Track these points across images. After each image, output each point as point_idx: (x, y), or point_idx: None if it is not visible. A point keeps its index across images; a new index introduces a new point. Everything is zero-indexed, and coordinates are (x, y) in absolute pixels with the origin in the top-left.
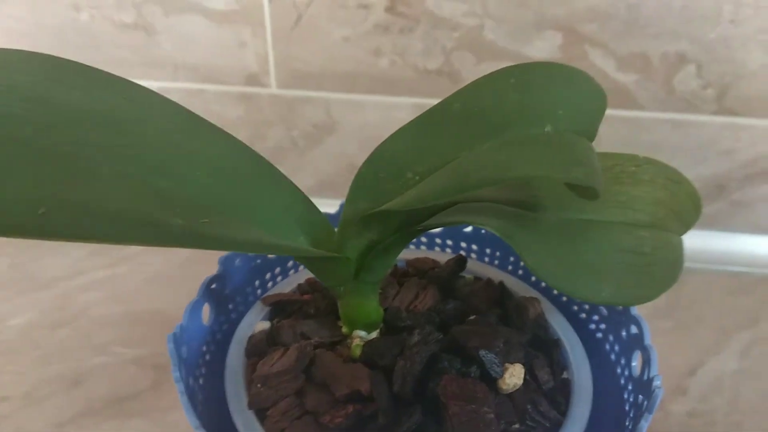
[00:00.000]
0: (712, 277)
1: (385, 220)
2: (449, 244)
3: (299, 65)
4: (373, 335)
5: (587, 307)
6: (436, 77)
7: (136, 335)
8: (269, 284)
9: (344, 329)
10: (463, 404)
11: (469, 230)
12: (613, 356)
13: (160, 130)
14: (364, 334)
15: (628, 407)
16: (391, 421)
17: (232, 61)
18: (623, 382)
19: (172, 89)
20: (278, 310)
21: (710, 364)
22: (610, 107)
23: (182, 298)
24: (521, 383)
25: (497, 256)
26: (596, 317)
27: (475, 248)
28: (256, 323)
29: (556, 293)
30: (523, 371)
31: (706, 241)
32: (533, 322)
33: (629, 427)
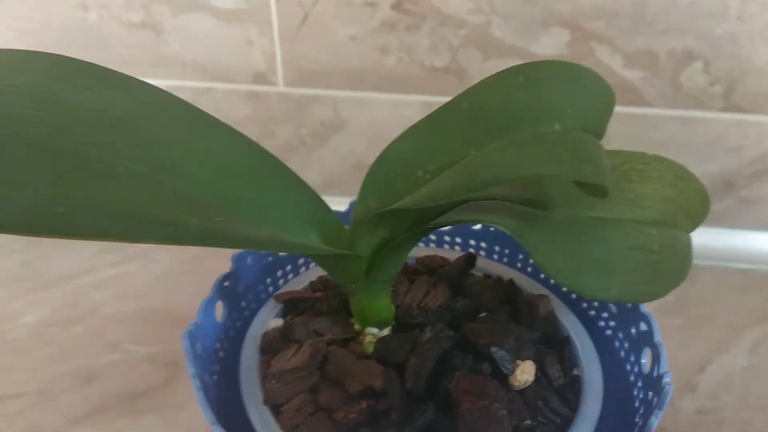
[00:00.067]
0: (720, 274)
1: (396, 218)
2: (458, 241)
3: (306, 63)
4: (384, 332)
5: (596, 304)
6: (443, 74)
7: (147, 332)
8: (280, 282)
9: (356, 326)
10: (475, 400)
11: (477, 228)
12: (622, 353)
13: (171, 129)
14: (376, 331)
15: (637, 404)
16: (404, 417)
17: (239, 59)
18: (633, 378)
19: (180, 88)
20: (291, 307)
21: (719, 361)
22: (617, 104)
23: (192, 295)
24: (532, 380)
25: (506, 253)
26: (605, 314)
27: (483, 246)
28: (269, 320)
29: (565, 291)
30: (534, 368)
31: (714, 238)
32: (543, 319)
33: (639, 423)
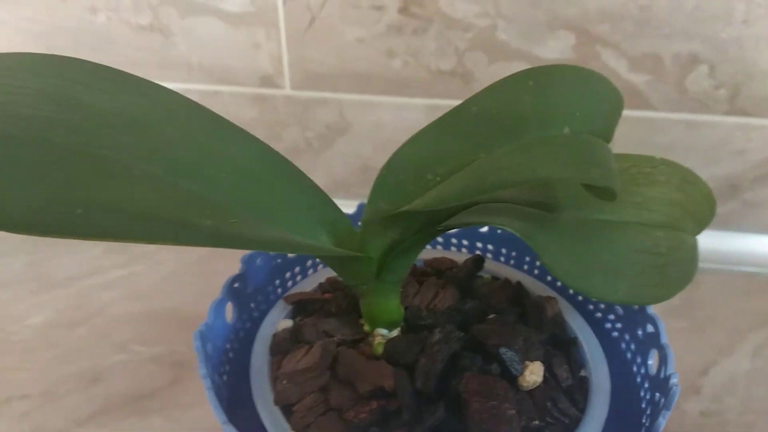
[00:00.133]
0: (724, 277)
1: (406, 220)
2: (465, 244)
3: (313, 66)
4: (394, 333)
5: (603, 306)
6: (449, 78)
7: (153, 333)
8: (289, 283)
9: (366, 327)
10: (484, 401)
11: (485, 230)
12: (629, 355)
13: (185, 131)
14: (385, 332)
15: (644, 405)
16: (414, 417)
17: (246, 62)
18: (640, 380)
19: (187, 91)
20: (300, 308)
21: (723, 364)
22: None
23: (198, 296)
24: (541, 381)
25: (513, 256)
26: (612, 316)
27: (491, 248)
28: (279, 321)
29: (572, 293)
30: (542, 369)
31: (718, 241)
32: (551, 321)
33: (646, 424)
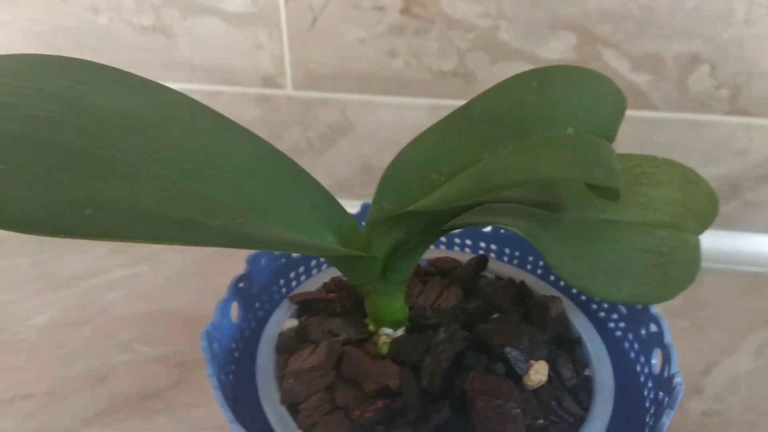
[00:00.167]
0: (726, 277)
1: (411, 220)
2: (468, 243)
3: (315, 67)
4: (399, 333)
5: (606, 306)
6: (450, 78)
7: (158, 333)
8: (293, 283)
9: (371, 327)
10: (489, 399)
11: (488, 230)
12: (632, 354)
13: (190, 132)
14: (390, 331)
15: (648, 404)
16: (420, 416)
17: (248, 63)
18: (643, 379)
19: (189, 91)
20: (305, 308)
21: (725, 363)
22: None
23: (202, 296)
24: (545, 380)
25: (516, 255)
26: (615, 316)
27: (494, 248)
28: (284, 321)
29: (575, 292)
30: (547, 368)
31: (720, 241)
32: (555, 320)
33: (650, 423)
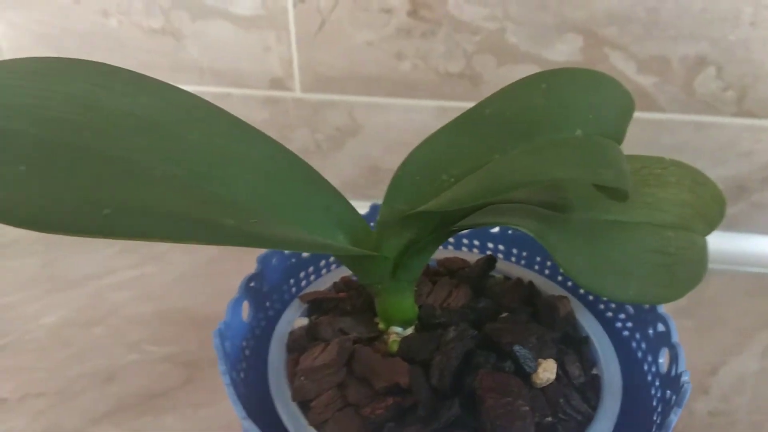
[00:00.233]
0: (732, 277)
1: (422, 220)
2: (476, 244)
3: (323, 69)
4: (408, 332)
5: (614, 305)
6: (457, 80)
7: (166, 333)
8: (303, 283)
9: (381, 325)
10: (498, 397)
11: (496, 231)
12: (639, 353)
13: (204, 133)
14: (400, 330)
15: (655, 402)
16: (429, 413)
17: (257, 65)
18: (650, 378)
19: (198, 93)
20: (315, 307)
21: (731, 364)
22: None
23: (210, 296)
24: (554, 378)
25: (524, 255)
26: (623, 315)
27: (501, 249)
28: (295, 320)
29: (582, 292)
30: (555, 366)
31: (726, 242)
32: (563, 319)
33: (657, 421)
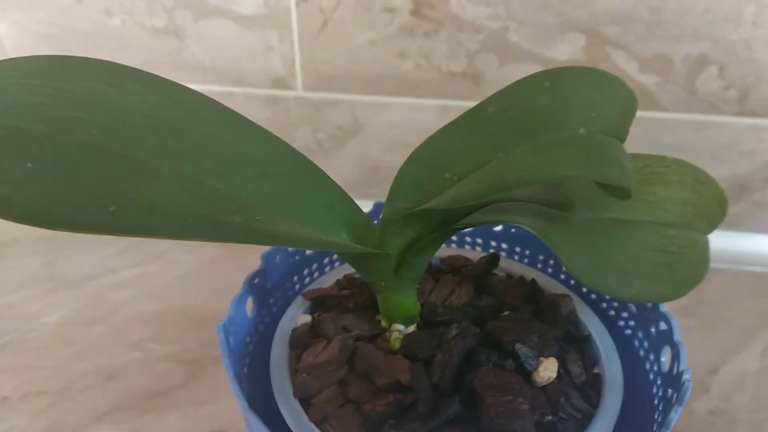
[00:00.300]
0: (733, 276)
1: (425, 218)
2: (479, 242)
3: (325, 68)
4: (411, 329)
5: (616, 304)
6: (460, 79)
7: (168, 332)
8: (306, 280)
9: (383, 323)
10: (499, 395)
11: (498, 229)
12: (641, 352)
13: (211, 132)
14: (402, 327)
15: (657, 401)
16: (430, 410)
17: (259, 64)
18: (652, 377)
19: (201, 92)
20: (318, 304)
21: (732, 363)
22: None
23: (211, 295)
24: (555, 377)
25: (526, 254)
26: (625, 314)
27: (504, 247)
28: (298, 317)
29: (585, 291)
30: (556, 365)
31: (727, 241)
32: (565, 318)
33: (658, 419)
